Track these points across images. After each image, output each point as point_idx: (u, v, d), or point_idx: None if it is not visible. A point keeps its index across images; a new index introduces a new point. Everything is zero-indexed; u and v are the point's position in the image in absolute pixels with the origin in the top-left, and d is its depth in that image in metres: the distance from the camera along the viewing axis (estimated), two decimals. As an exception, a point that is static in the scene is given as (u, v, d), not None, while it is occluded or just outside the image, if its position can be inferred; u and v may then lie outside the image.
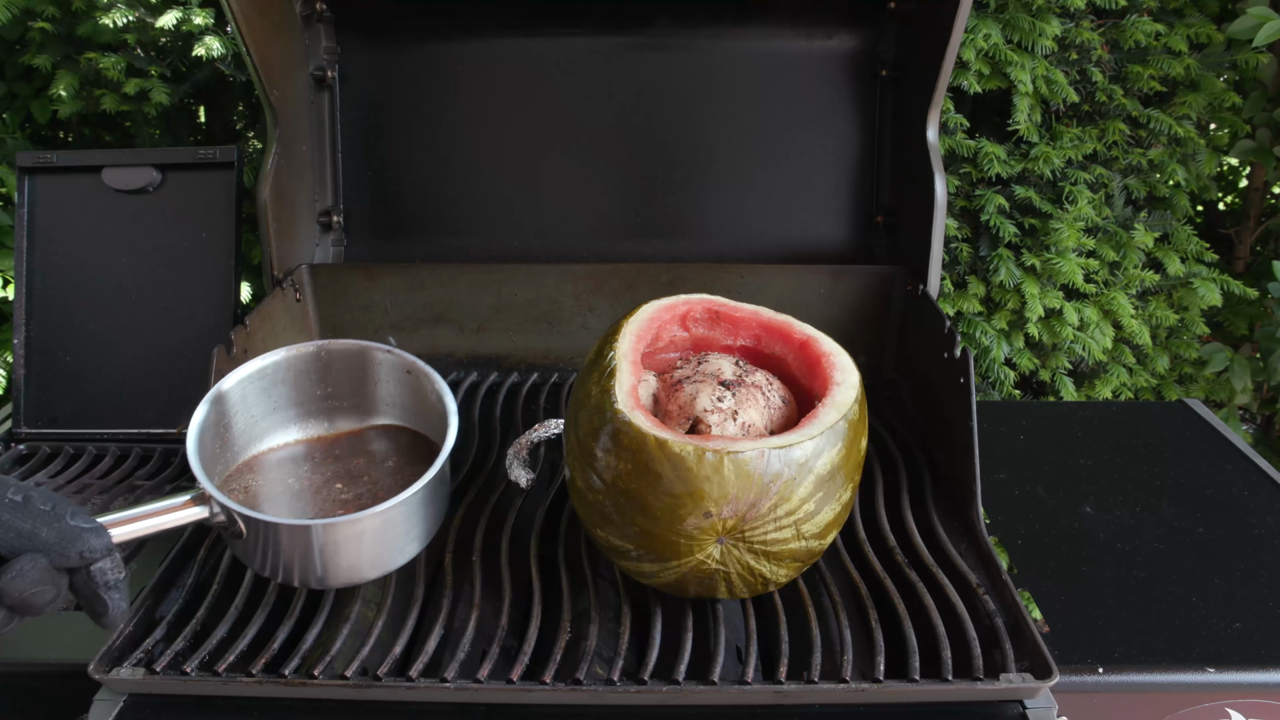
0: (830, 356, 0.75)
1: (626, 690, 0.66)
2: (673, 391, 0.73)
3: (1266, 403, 1.67)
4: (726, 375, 0.73)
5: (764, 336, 0.81)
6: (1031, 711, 0.66)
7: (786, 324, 0.80)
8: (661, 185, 1.18)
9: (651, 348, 0.79)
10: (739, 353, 0.81)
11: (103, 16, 1.28)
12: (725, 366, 0.74)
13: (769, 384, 0.74)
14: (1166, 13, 1.41)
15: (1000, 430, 1.07)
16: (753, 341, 0.81)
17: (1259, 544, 0.87)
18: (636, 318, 0.78)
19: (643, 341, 0.76)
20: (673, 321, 0.81)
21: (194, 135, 1.49)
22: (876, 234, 1.17)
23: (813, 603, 0.73)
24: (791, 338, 0.79)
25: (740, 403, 0.70)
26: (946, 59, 0.96)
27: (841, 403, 0.69)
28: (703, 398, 0.70)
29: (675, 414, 0.71)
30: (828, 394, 0.71)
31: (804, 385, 0.76)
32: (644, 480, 0.64)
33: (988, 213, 1.38)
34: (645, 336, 0.77)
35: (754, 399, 0.71)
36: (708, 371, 0.73)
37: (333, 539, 0.67)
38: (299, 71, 1.10)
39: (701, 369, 0.74)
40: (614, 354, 0.73)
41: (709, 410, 0.69)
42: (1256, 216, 1.62)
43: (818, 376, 0.74)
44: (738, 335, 0.82)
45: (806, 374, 0.76)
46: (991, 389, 1.45)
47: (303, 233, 1.14)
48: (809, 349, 0.77)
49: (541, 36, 1.15)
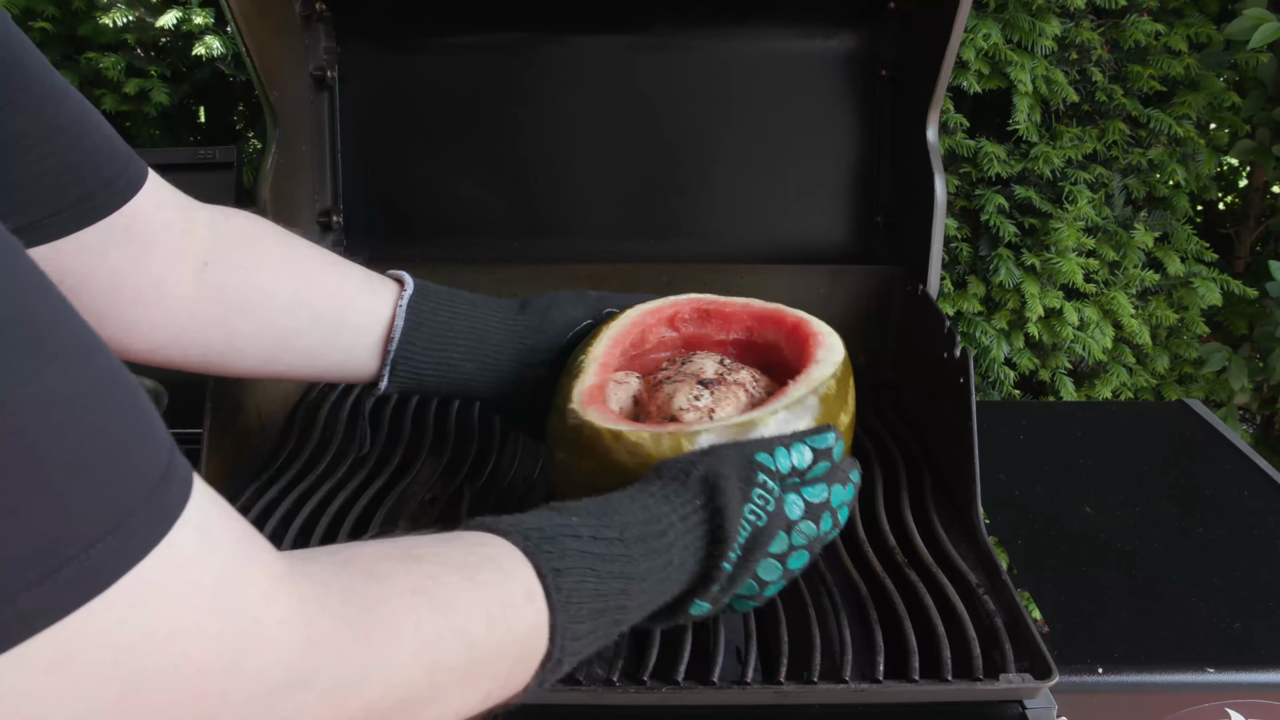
0: (818, 336, 0.74)
1: (626, 690, 0.66)
2: (654, 392, 0.72)
3: (1266, 402, 1.67)
4: (707, 374, 0.72)
5: (756, 327, 0.80)
6: (1031, 711, 0.66)
7: (778, 310, 0.79)
8: (661, 185, 1.18)
9: (639, 350, 0.78)
10: (733, 346, 0.80)
11: (103, 16, 1.28)
12: (708, 365, 0.73)
13: (755, 380, 0.73)
14: (1166, 13, 1.41)
15: (1000, 430, 1.07)
16: (745, 334, 0.80)
17: (1259, 544, 0.87)
18: (617, 322, 0.77)
19: (620, 345, 0.75)
20: (659, 323, 0.80)
21: (194, 135, 1.49)
22: (876, 234, 1.17)
23: (813, 603, 0.73)
24: (784, 322, 0.78)
25: (718, 400, 0.69)
26: (946, 59, 0.96)
27: (815, 378, 0.68)
28: (679, 396, 0.69)
29: (655, 415, 0.70)
30: (803, 370, 0.70)
31: (795, 368, 0.75)
32: (609, 474, 0.64)
33: (988, 213, 1.38)
34: (625, 340, 0.76)
35: (734, 396, 0.70)
36: (689, 371, 0.72)
37: None
38: (299, 71, 1.10)
39: (684, 369, 0.73)
40: (584, 358, 0.72)
41: (684, 409, 0.68)
42: (1256, 216, 1.62)
43: (804, 356, 0.73)
44: (730, 329, 0.81)
45: (797, 356, 0.75)
46: (991, 389, 1.45)
47: (303, 233, 1.13)
48: (799, 330, 0.76)
49: (542, 36, 1.15)
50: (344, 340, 0.72)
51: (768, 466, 0.59)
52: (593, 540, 0.50)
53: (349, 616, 0.38)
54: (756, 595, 0.61)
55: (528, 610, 0.46)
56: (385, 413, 1.01)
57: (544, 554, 0.47)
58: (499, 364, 0.76)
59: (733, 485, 0.57)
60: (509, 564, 0.47)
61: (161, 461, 0.32)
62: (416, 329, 0.73)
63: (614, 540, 0.51)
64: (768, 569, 0.59)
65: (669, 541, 0.54)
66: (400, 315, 0.72)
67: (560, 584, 0.47)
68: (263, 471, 0.92)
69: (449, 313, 0.74)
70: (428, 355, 0.73)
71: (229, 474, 0.89)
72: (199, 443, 0.85)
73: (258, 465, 0.93)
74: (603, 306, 0.80)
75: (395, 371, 0.73)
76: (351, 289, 0.73)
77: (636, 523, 0.53)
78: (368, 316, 0.72)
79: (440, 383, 0.75)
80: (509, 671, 0.46)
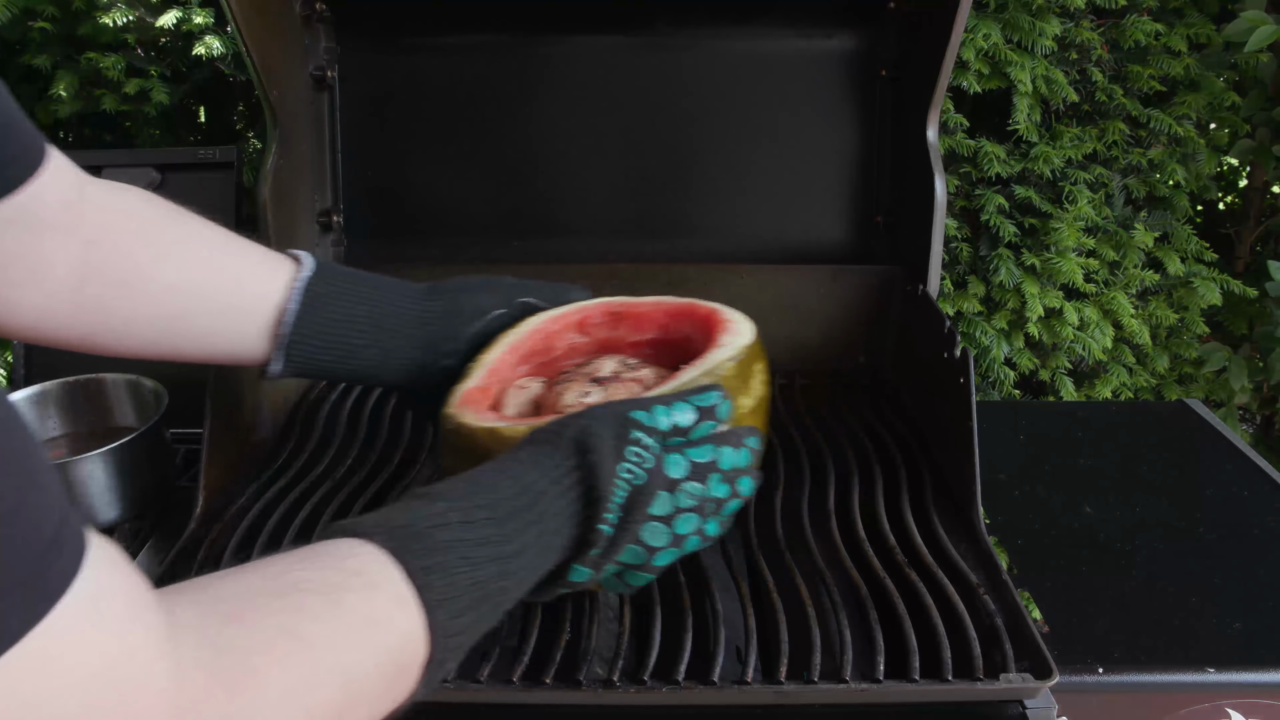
0: (727, 324, 0.72)
1: (626, 690, 0.66)
2: (552, 395, 0.70)
3: (1266, 402, 1.67)
4: (603, 372, 0.70)
5: (670, 324, 0.78)
6: (1031, 711, 0.66)
7: (691, 304, 0.77)
8: (661, 185, 1.18)
9: (547, 358, 0.76)
10: (648, 346, 0.78)
11: (103, 16, 1.28)
12: (606, 365, 0.71)
13: (658, 378, 0.70)
14: (1166, 12, 1.41)
15: (1000, 430, 1.07)
16: (660, 332, 0.78)
17: (1259, 544, 0.87)
18: (517, 329, 0.75)
19: (518, 352, 0.74)
20: (567, 329, 0.77)
21: (194, 135, 1.49)
22: (876, 234, 1.17)
23: (813, 603, 0.73)
24: (697, 315, 0.76)
25: (609, 396, 0.67)
26: (946, 59, 0.96)
27: (710, 361, 0.66)
28: (568, 395, 0.68)
29: (548, 415, 0.68)
30: (702, 356, 0.68)
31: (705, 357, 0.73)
32: None
33: (988, 213, 1.38)
34: (523, 347, 0.74)
35: (625, 390, 0.68)
36: (585, 371, 0.71)
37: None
38: (299, 71, 1.10)
39: (583, 370, 0.71)
40: (474, 365, 0.70)
41: (570, 406, 0.67)
42: (1256, 216, 1.62)
43: (711, 345, 0.71)
44: (644, 330, 0.79)
45: (706, 345, 0.73)
46: (991, 389, 1.45)
47: (303, 233, 1.14)
48: (710, 321, 0.74)
49: (541, 36, 1.15)
50: (232, 322, 0.69)
51: (643, 423, 0.57)
52: (463, 525, 0.48)
53: (223, 671, 0.38)
54: (645, 564, 0.58)
55: (400, 619, 0.45)
56: (385, 413, 1.01)
57: (412, 553, 0.46)
58: (403, 351, 0.73)
59: (605, 443, 0.54)
60: (377, 573, 0.45)
61: (46, 533, 0.31)
62: (312, 312, 0.69)
63: (485, 521, 0.49)
64: (653, 533, 0.57)
65: (542, 509, 0.52)
66: (294, 297, 0.69)
67: (432, 582, 0.46)
68: (263, 471, 0.92)
69: (349, 296, 0.71)
70: (324, 339, 0.70)
71: (229, 474, 0.90)
72: (199, 442, 0.86)
73: (258, 465, 0.94)
74: (518, 296, 0.77)
75: (289, 356, 0.70)
76: (243, 270, 0.69)
77: (507, 497, 0.51)
78: (259, 299, 0.69)
79: (340, 369, 0.72)
80: (389, 688, 0.45)
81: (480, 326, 0.74)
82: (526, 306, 0.77)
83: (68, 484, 0.85)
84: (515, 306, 0.76)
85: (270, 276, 0.70)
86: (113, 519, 0.88)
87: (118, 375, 0.95)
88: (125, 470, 0.87)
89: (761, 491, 0.88)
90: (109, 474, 0.86)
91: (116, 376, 0.95)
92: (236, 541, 0.80)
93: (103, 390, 0.96)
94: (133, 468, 0.87)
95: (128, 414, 0.96)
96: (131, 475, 0.88)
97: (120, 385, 0.96)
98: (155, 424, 0.89)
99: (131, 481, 0.88)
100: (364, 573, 0.45)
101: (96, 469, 0.85)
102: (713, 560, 0.79)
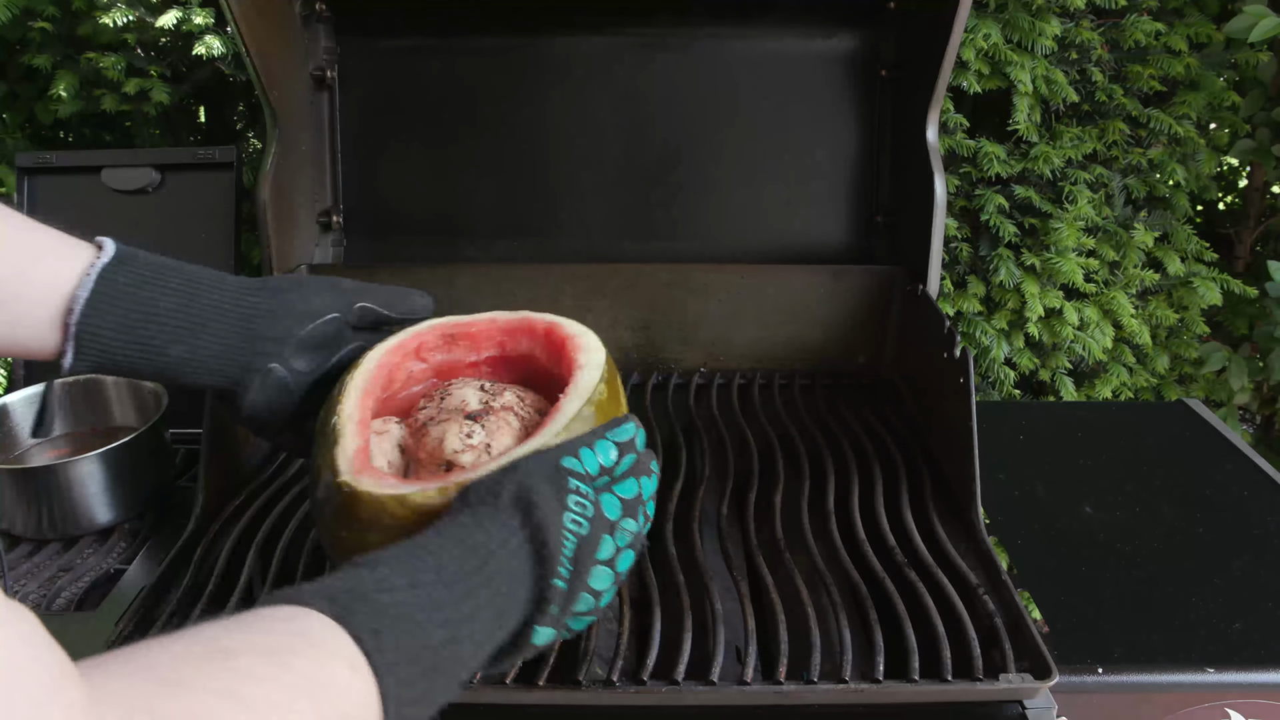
0: (574, 339, 0.71)
1: (626, 691, 0.66)
2: (420, 436, 0.67)
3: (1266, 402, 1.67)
4: (472, 405, 0.67)
5: (507, 341, 0.76)
6: (1031, 711, 0.66)
7: (525, 319, 0.75)
8: (661, 185, 1.18)
9: (389, 393, 0.72)
10: (487, 365, 0.76)
11: (103, 16, 1.28)
12: (470, 395, 0.68)
13: (520, 400, 0.69)
14: (1166, 12, 1.41)
15: (1000, 430, 1.07)
16: (498, 349, 0.76)
17: (1259, 544, 0.87)
18: (362, 369, 0.70)
19: (372, 395, 0.69)
20: (405, 359, 0.74)
21: (194, 135, 1.49)
22: (876, 234, 1.17)
23: (812, 603, 0.73)
24: (535, 330, 0.74)
25: (491, 433, 0.65)
26: (946, 59, 0.96)
27: (584, 386, 0.65)
28: (450, 439, 0.64)
29: (426, 461, 0.65)
30: (570, 381, 0.67)
31: (556, 374, 0.71)
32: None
33: (988, 212, 1.38)
34: (375, 388, 0.70)
35: (505, 423, 0.66)
36: (451, 406, 0.67)
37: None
38: (299, 71, 1.10)
39: (445, 404, 0.68)
40: (335, 420, 0.65)
41: (460, 450, 0.64)
42: (1256, 216, 1.62)
43: (565, 362, 0.70)
44: (480, 348, 0.76)
45: (555, 362, 0.72)
46: (991, 389, 1.45)
47: (302, 233, 1.14)
48: (553, 335, 0.73)
49: (541, 36, 1.15)
50: (16, 311, 0.62)
51: (577, 470, 0.56)
52: (409, 589, 0.46)
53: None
54: (594, 609, 0.57)
55: (353, 684, 0.42)
56: (385, 413, 1.01)
57: (357, 617, 0.43)
58: (217, 350, 0.66)
59: (547, 498, 0.54)
60: (323, 637, 0.43)
61: None
62: (109, 302, 0.63)
63: (431, 584, 0.47)
64: (599, 577, 0.56)
65: (492, 571, 0.50)
66: (85, 285, 0.63)
67: (381, 645, 0.43)
68: (262, 471, 0.92)
69: (154, 286, 0.65)
70: (122, 333, 0.64)
71: (229, 474, 0.90)
72: (199, 443, 0.86)
73: (257, 464, 0.94)
74: (356, 301, 0.72)
75: (80, 349, 0.63)
76: (31, 255, 0.63)
77: (452, 560, 0.49)
78: (46, 288, 0.62)
79: (143, 366, 0.65)
80: None
81: (311, 329, 0.69)
82: (365, 311, 0.72)
83: (68, 484, 0.85)
84: (352, 312, 0.71)
85: (62, 263, 0.63)
86: (112, 519, 0.88)
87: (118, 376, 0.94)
88: (125, 470, 0.87)
89: (761, 491, 0.88)
90: (109, 474, 0.86)
91: (117, 377, 0.95)
92: (234, 541, 0.80)
93: (103, 390, 0.96)
94: (133, 468, 0.87)
95: (128, 414, 0.96)
96: (131, 475, 0.88)
97: (120, 385, 0.96)
98: (155, 424, 0.89)
99: (131, 482, 0.88)
100: (308, 636, 0.43)
101: (96, 469, 0.85)
102: (712, 560, 0.79)
